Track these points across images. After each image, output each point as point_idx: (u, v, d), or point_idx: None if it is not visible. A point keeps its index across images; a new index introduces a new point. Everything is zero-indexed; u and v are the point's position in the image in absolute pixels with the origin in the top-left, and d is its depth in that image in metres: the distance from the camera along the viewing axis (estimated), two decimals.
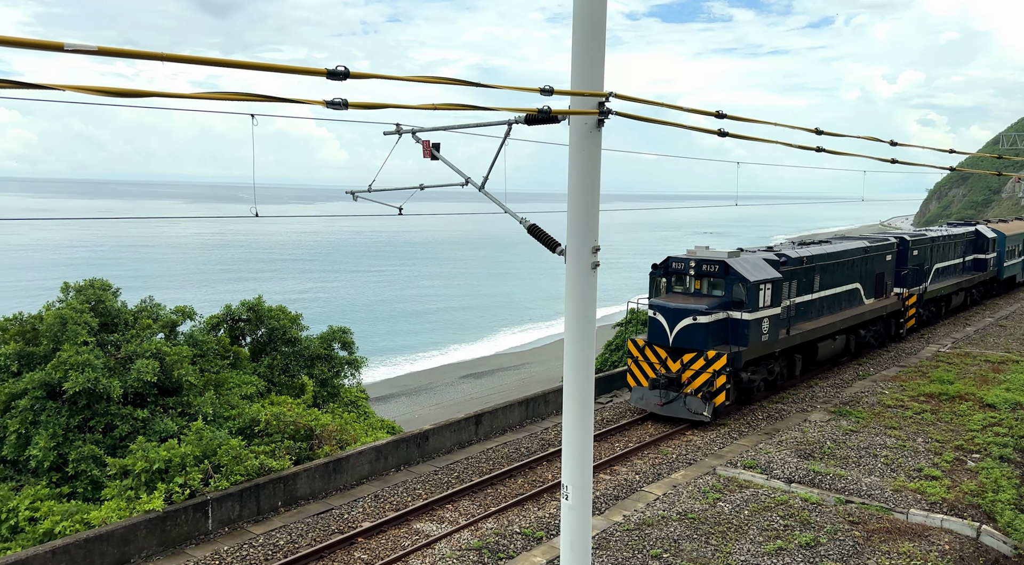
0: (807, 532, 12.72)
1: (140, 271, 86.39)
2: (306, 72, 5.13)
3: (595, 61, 7.69)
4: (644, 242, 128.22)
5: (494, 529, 13.93)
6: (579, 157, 7.93)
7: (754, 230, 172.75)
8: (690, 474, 15.72)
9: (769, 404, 21.86)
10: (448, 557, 12.82)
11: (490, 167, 9.41)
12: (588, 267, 8.14)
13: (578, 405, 8.33)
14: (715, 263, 20.52)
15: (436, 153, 10.15)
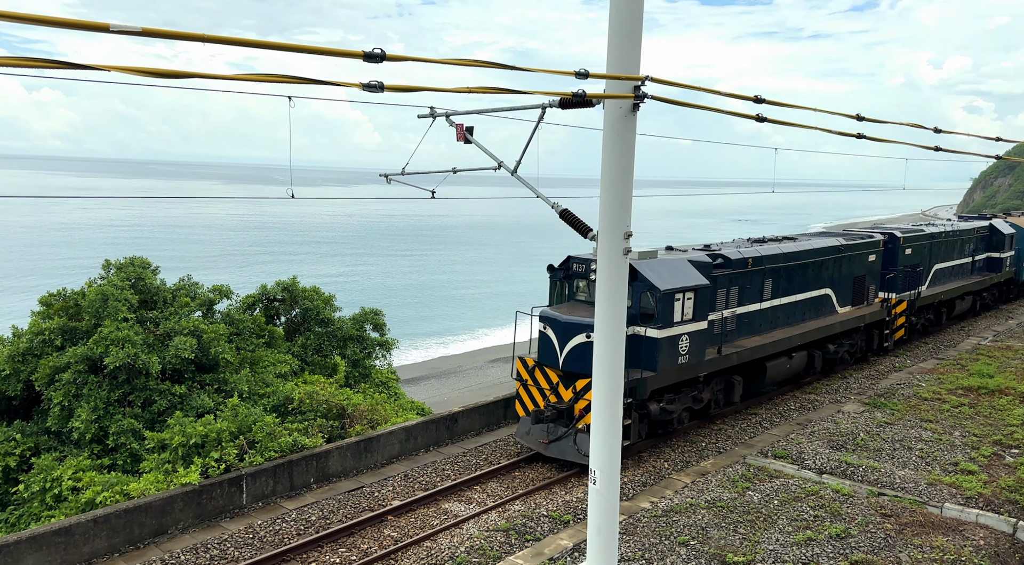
0: (838, 523, 12.60)
1: (178, 250, 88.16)
2: (343, 54, 5.17)
3: (631, 44, 7.61)
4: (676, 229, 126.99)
5: (521, 511, 14.04)
6: (613, 142, 7.88)
7: (791, 218, 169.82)
8: (719, 463, 15.65)
9: (802, 394, 21.58)
10: (476, 537, 12.97)
11: (523, 151, 9.39)
12: (620, 252, 8.11)
13: (606, 391, 8.34)
14: None
15: (469, 137, 10.16)
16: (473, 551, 12.54)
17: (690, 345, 16.76)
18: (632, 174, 8.03)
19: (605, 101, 7.73)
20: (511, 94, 6.90)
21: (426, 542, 12.78)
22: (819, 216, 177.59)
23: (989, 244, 33.85)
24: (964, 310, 31.88)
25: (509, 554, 12.32)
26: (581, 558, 11.11)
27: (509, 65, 6.55)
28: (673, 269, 16.87)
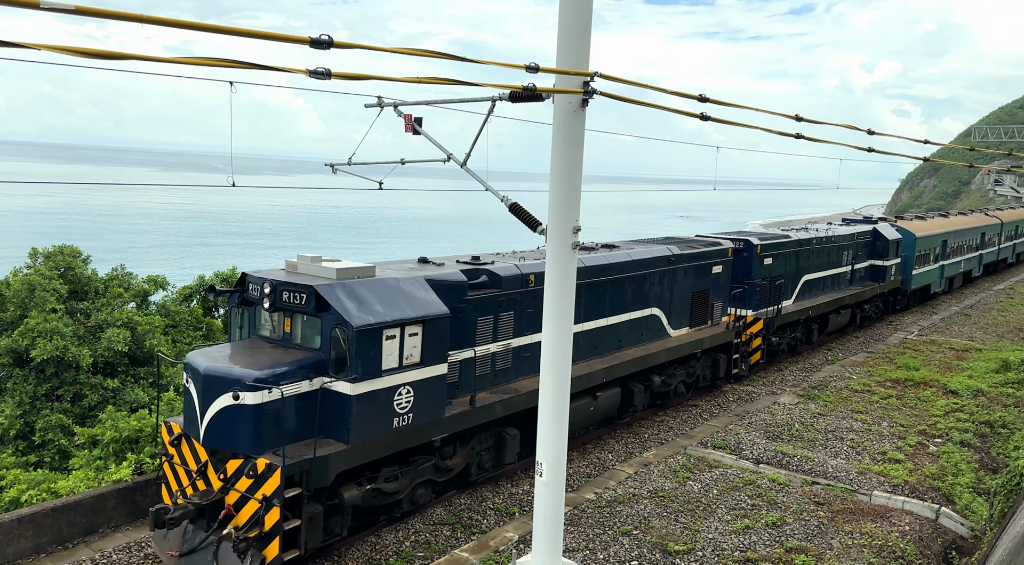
0: (774, 512, 13.00)
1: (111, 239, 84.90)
2: (289, 40, 5.04)
3: (581, 40, 7.65)
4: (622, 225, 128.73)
5: (468, 504, 14.04)
6: (563, 136, 7.92)
7: (731, 215, 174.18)
8: (661, 454, 15.96)
9: (740, 387, 22.19)
10: (421, 530, 12.92)
11: (472, 143, 9.36)
12: (569, 247, 8.16)
13: (553, 384, 8.41)
14: (301, 291, 11.47)
15: (418, 128, 10.06)
16: (418, 545, 12.49)
17: (416, 399, 12.00)
18: (581, 169, 8.09)
19: (555, 96, 7.76)
20: (461, 86, 6.86)
21: (370, 537, 12.66)
22: (757, 213, 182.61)
23: (872, 251, 30.48)
24: (842, 324, 28.45)
25: (455, 547, 12.31)
26: (527, 549, 11.19)
27: (459, 56, 6.51)
28: (387, 294, 11.91)
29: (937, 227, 36.49)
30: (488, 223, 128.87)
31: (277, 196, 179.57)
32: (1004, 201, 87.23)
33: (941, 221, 38.68)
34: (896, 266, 31.95)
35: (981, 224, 43.44)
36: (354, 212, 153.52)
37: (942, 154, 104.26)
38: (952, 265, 38.68)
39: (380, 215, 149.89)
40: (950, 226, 38.47)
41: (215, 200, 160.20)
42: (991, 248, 45.64)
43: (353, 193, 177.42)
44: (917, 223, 34.95)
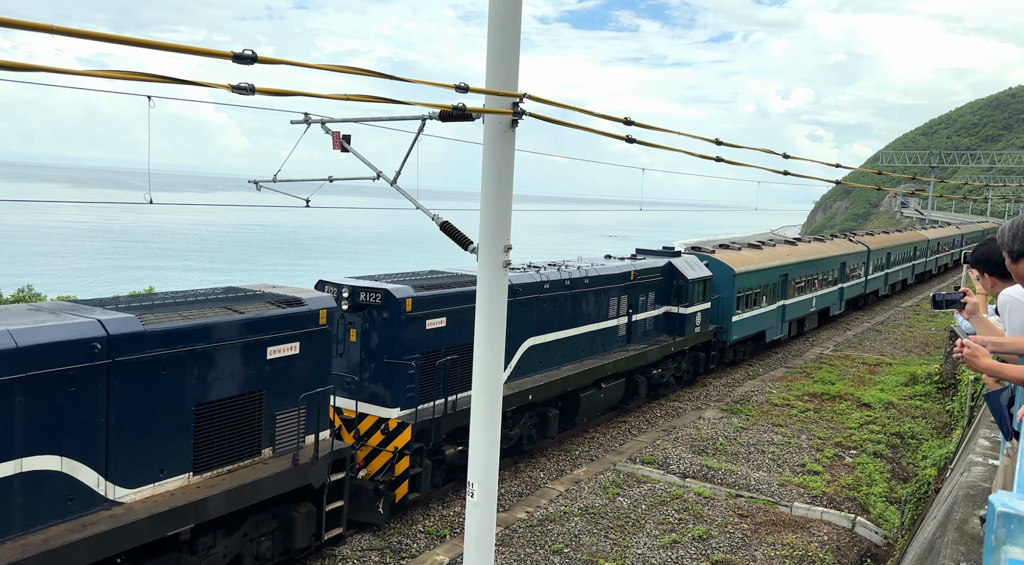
0: (700, 525, 13.27)
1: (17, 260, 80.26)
2: (210, 54, 4.92)
3: (510, 61, 7.74)
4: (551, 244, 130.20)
5: (397, 529, 13.79)
6: (493, 156, 7.97)
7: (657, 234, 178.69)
8: (592, 470, 16.08)
9: (667, 402, 22.64)
10: (349, 558, 12.59)
11: (403, 162, 9.31)
12: (500, 265, 8.19)
13: (486, 403, 8.37)
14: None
15: (347, 145, 9.94)
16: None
17: None
18: (511, 188, 8.15)
19: (485, 116, 7.81)
20: (390, 104, 6.83)
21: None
22: (681, 233, 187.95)
23: (668, 294, 22.20)
24: (611, 402, 19.55)
25: None
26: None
27: (388, 74, 6.49)
28: None
29: (772, 258, 28.76)
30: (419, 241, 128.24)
31: (197, 214, 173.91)
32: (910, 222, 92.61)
33: (781, 250, 30.88)
34: (704, 313, 23.49)
35: (841, 252, 36.10)
36: (280, 231, 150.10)
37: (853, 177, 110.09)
38: (797, 305, 31.10)
39: (308, 233, 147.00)
40: (794, 256, 30.93)
41: (131, 219, 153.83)
42: (856, 281, 38.48)
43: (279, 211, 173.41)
44: (744, 254, 27.29)
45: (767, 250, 29.89)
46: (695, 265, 23.50)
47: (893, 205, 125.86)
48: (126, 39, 4.25)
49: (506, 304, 8.52)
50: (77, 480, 8.82)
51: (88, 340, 8.80)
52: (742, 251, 27.97)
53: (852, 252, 37.70)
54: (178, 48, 4.58)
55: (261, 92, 5.41)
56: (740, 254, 27.10)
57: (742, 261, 26.41)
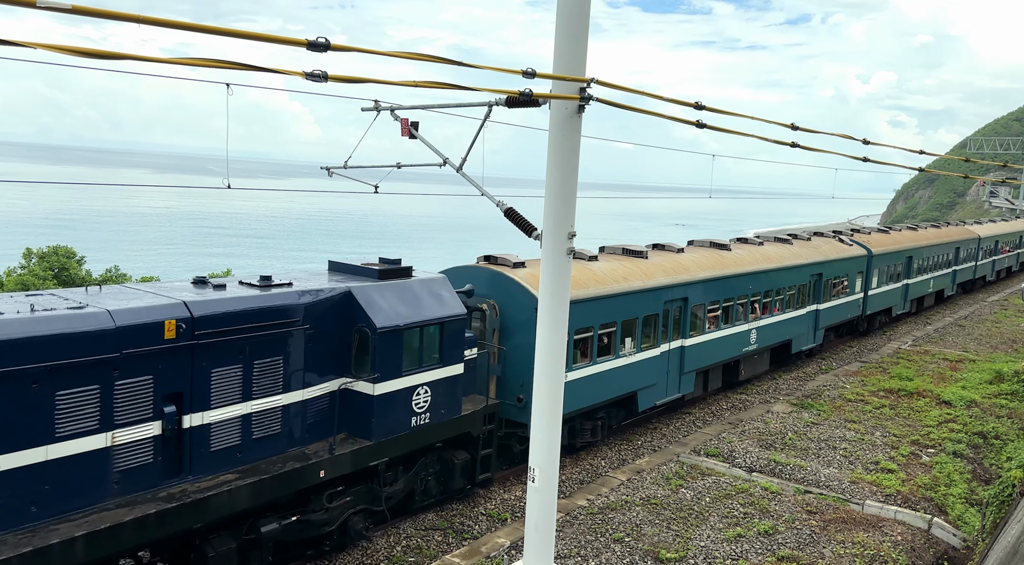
0: (766, 520, 12.99)
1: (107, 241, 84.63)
2: (286, 42, 5.04)
3: (578, 46, 7.67)
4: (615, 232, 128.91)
5: (459, 510, 14.00)
6: (559, 142, 7.93)
7: (727, 223, 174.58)
8: (654, 461, 15.94)
9: (734, 394, 22.19)
10: (412, 535, 12.86)
11: (469, 148, 9.36)
12: (564, 252, 8.16)
13: (547, 390, 8.39)
14: None
15: (415, 132, 10.06)
16: (409, 550, 12.43)
17: None
18: (577, 175, 8.10)
19: (551, 101, 7.77)
20: (457, 90, 6.87)
21: (361, 542, 12.60)
22: (753, 222, 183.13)
23: (343, 354, 11.99)
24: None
25: (446, 553, 12.26)
26: (518, 555, 11.14)
27: (456, 61, 6.52)
28: None
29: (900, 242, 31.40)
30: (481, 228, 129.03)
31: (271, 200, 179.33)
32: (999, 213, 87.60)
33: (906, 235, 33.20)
34: (448, 385, 13.25)
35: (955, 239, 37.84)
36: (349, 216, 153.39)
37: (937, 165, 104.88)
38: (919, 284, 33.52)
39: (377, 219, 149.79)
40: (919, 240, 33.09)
41: (210, 203, 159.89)
42: (966, 265, 40.05)
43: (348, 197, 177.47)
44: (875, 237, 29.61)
45: (894, 234, 32.53)
46: (439, 290, 13.07)
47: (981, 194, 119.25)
48: (208, 28, 4.40)
49: (569, 291, 8.50)
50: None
51: None
52: (872, 235, 30.51)
53: (964, 239, 39.04)
54: (256, 36, 4.71)
55: (334, 79, 5.52)
56: (871, 238, 29.82)
57: (877, 243, 29.21)
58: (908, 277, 32.87)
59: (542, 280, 8.30)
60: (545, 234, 8.14)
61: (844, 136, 13.32)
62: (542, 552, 8.57)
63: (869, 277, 28.65)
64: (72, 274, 18.40)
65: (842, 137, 13.34)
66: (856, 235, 30.25)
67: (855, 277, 27.79)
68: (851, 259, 27.27)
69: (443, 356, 12.77)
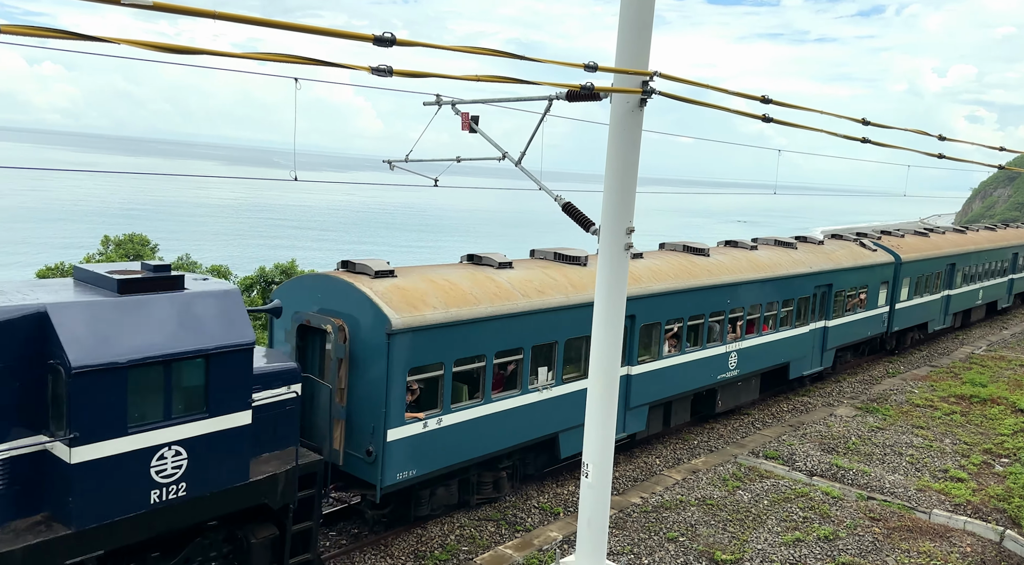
0: (826, 525, 12.66)
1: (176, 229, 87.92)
2: (354, 37, 5.14)
3: (641, 39, 7.58)
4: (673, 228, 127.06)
5: (512, 502, 14.08)
6: (619, 136, 7.86)
7: (792, 221, 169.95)
8: (711, 461, 15.70)
9: (795, 397, 21.64)
10: (466, 525, 13.01)
11: (528, 142, 9.38)
12: (622, 248, 8.10)
13: (602, 385, 8.35)
14: None
15: (475, 126, 10.13)
16: (463, 539, 12.58)
17: None
18: (636, 169, 8.02)
19: (612, 95, 7.71)
20: (518, 84, 6.88)
21: (416, 529, 12.81)
22: (820, 220, 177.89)
23: (37, 407, 8.37)
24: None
25: (499, 544, 12.36)
26: (570, 550, 11.15)
27: (518, 55, 6.53)
28: None
29: (939, 247, 28.30)
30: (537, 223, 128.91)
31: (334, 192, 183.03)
32: None
33: (950, 238, 30.11)
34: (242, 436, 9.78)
35: (1013, 243, 34.38)
36: (408, 209, 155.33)
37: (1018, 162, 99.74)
38: (963, 295, 30.31)
39: (435, 212, 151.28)
40: (965, 245, 30.06)
41: (275, 195, 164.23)
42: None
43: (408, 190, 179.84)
44: (908, 241, 27.17)
45: (934, 237, 28.81)
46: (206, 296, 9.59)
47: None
48: (279, 23, 4.53)
49: (626, 286, 8.43)
50: None
51: None
52: (904, 239, 27.07)
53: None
54: (324, 31, 4.82)
55: (398, 74, 5.60)
56: (902, 242, 26.48)
57: (909, 248, 25.89)
58: (949, 287, 28.68)
59: (599, 275, 8.25)
60: (603, 229, 8.09)
61: (918, 132, 12.81)
62: (595, 548, 8.55)
63: (897, 288, 24.73)
64: (146, 260, 19.27)
65: (916, 133, 12.83)
66: (884, 239, 26.47)
67: (878, 288, 23.87)
68: (872, 267, 23.40)
69: (211, 402, 9.01)
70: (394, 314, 11.16)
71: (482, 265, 14.05)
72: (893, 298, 24.72)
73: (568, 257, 15.17)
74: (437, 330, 11.67)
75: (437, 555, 12.02)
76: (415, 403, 11.73)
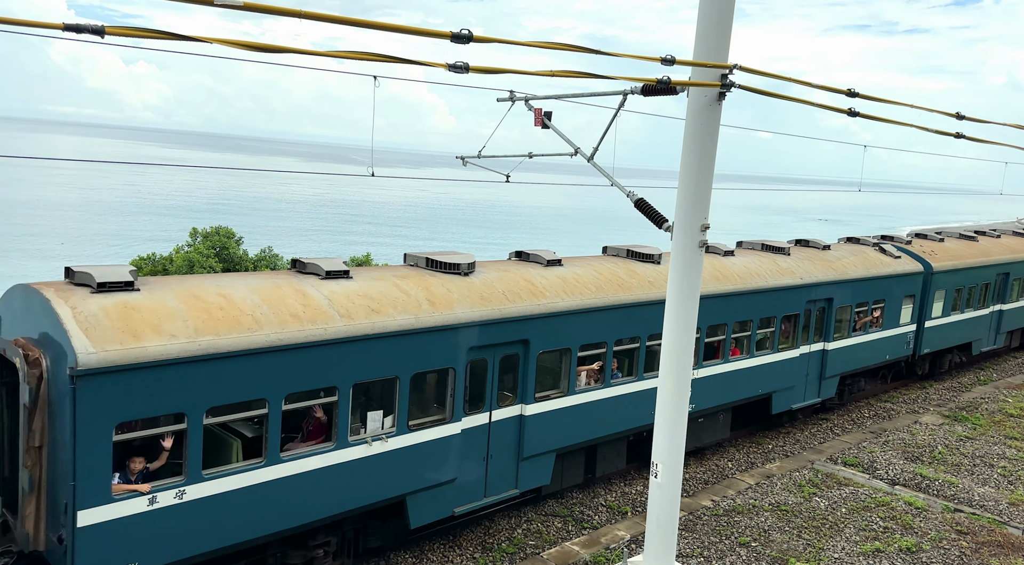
0: (909, 537, 12.13)
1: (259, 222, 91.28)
2: (431, 34, 5.22)
3: (721, 31, 7.42)
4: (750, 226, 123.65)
5: (580, 498, 14.05)
6: (696, 131, 7.72)
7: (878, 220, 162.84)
8: (786, 466, 15.26)
9: (878, 402, 20.78)
10: (533, 520, 13.06)
11: (601, 137, 9.31)
12: (696, 245, 7.95)
13: (673, 383, 8.23)
14: None
15: (547, 121, 10.13)
16: (530, 533, 12.63)
17: None
18: (713, 165, 7.86)
19: (690, 89, 7.57)
20: (591, 79, 6.84)
21: (484, 521, 12.94)
22: (907, 219, 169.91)
23: None
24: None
25: (565, 540, 12.36)
26: (638, 550, 11.05)
27: (593, 49, 6.49)
28: None
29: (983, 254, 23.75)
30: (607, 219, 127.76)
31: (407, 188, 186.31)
32: None
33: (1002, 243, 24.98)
34: None
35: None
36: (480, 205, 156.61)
37: None
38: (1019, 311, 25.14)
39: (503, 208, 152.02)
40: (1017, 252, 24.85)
41: (352, 190, 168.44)
42: None
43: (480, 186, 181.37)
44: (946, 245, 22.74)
45: (985, 242, 24.64)
46: None
47: None
48: (360, 22, 4.64)
49: (699, 285, 8.27)
50: None
51: None
52: (941, 243, 22.96)
53: None
54: (404, 29, 4.92)
55: (474, 70, 5.66)
56: (938, 247, 22.36)
57: (945, 255, 21.78)
58: (1002, 301, 24.18)
59: (671, 273, 8.13)
60: (677, 226, 7.96)
61: (1017, 126, 12.09)
62: (664, 549, 8.45)
63: (927, 302, 20.59)
64: (231, 252, 20.09)
65: (1015, 127, 12.11)
66: (916, 243, 22.05)
67: (900, 303, 19.68)
68: (892, 278, 19.27)
69: None
70: (86, 346, 7.77)
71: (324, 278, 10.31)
72: (922, 314, 20.72)
73: (446, 264, 11.71)
74: (173, 368, 8.28)
75: (504, 548, 12.11)
76: (145, 470, 8.45)
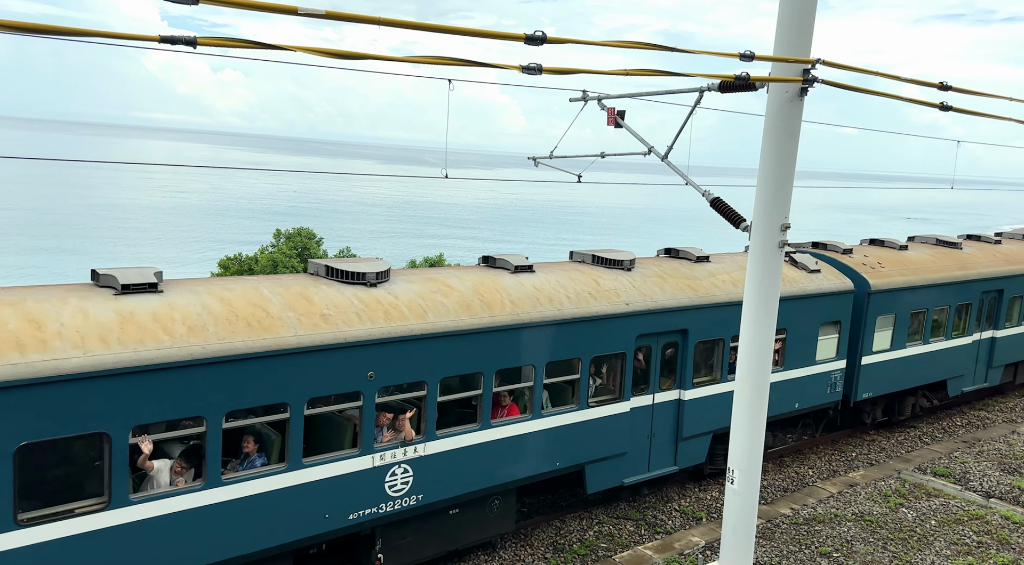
0: (1005, 552, 11.44)
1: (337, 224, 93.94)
2: (505, 37, 5.25)
3: (803, 25, 7.18)
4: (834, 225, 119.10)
5: (653, 503, 13.86)
6: (776, 128, 7.50)
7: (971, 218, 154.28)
8: (870, 475, 14.65)
9: (971, 411, 19.68)
10: (605, 522, 12.97)
11: (676, 136, 9.16)
12: (775, 245, 7.73)
13: (751, 388, 8.02)
14: None
15: (620, 121, 10.04)
16: (602, 536, 12.54)
17: None
18: (794, 163, 7.62)
19: (769, 85, 7.36)
20: (666, 77, 6.74)
21: (555, 521, 12.93)
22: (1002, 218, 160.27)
23: None
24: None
25: (638, 544, 12.21)
26: (713, 557, 10.82)
27: (668, 46, 6.39)
28: None
29: None
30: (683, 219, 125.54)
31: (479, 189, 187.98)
32: None
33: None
34: None
35: None
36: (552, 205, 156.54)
37: None
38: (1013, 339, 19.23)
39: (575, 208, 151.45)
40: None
41: (425, 192, 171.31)
42: None
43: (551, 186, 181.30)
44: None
45: (984, 246, 19.83)
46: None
47: None
48: (435, 26, 4.71)
49: (779, 286, 8.03)
50: None
51: None
52: (888, 252, 17.51)
53: None
54: (477, 33, 4.97)
55: (547, 71, 5.66)
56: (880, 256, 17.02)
57: (891, 267, 16.53)
58: (995, 327, 18.96)
59: (749, 273, 7.91)
60: (755, 225, 7.75)
61: None
62: (740, 556, 8.24)
63: (862, 332, 15.63)
64: (312, 253, 20.74)
65: None
66: (854, 255, 16.46)
67: (818, 333, 14.74)
68: (806, 299, 14.26)
69: None
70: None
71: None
72: (856, 348, 15.82)
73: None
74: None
75: (575, 549, 12.07)
76: None
